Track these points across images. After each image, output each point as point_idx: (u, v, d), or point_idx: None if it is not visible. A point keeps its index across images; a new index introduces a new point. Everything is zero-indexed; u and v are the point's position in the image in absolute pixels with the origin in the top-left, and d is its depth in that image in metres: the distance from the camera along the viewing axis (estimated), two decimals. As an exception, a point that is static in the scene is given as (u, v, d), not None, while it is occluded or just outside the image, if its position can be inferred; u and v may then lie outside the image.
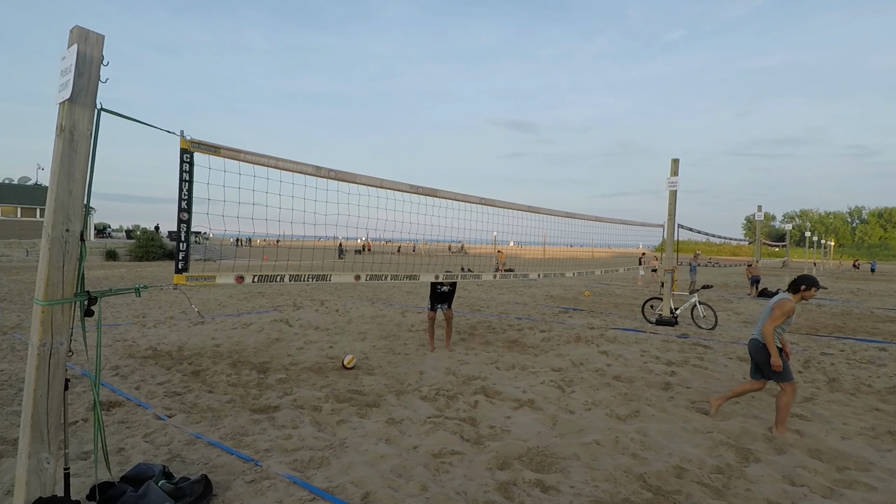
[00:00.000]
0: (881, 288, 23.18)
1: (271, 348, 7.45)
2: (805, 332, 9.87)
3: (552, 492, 3.38)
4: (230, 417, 4.59)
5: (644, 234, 12.04)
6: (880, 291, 21.03)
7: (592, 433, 4.37)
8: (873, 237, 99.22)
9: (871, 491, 3.48)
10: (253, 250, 46.96)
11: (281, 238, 5.71)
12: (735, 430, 4.52)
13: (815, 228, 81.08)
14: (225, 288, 15.52)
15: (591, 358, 7.14)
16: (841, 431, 4.55)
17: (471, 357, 7.10)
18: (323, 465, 3.70)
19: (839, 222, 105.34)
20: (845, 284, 25.58)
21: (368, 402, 5.09)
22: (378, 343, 7.95)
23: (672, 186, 10.53)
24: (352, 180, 4.29)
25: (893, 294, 19.69)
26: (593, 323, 10.35)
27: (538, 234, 8.99)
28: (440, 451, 3.95)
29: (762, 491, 3.43)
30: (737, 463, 3.87)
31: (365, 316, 10.64)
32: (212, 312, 10.81)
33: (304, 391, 5.38)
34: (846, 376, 6.48)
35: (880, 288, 23.19)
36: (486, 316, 11.09)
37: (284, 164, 3.72)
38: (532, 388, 5.68)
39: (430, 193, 5.09)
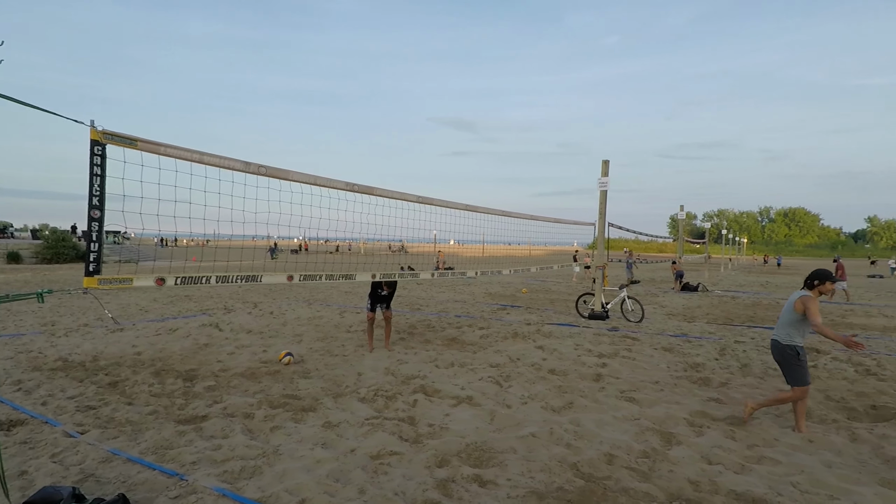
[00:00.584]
0: (786, 280, 25.36)
1: (199, 354, 7.07)
2: (721, 323, 10.61)
3: (490, 486, 3.42)
4: (152, 430, 4.30)
5: (578, 232, 12.51)
6: (785, 283, 23.01)
7: (529, 426, 4.47)
8: (779, 234, 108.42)
9: (777, 465, 3.79)
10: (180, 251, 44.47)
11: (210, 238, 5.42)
12: (660, 415, 4.77)
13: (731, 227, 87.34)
14: (147, 291, 14.59)
15: (527, 353, 7.31)
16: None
17: (410, 356, 7.07)
18: (255, 474, 3.55)
19: (751, 221, 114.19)
20: (756, 278, 27.77)
21: (304, 406, 4.95)
22: (315, 345, 7.75)
23: (603, 186, 10.97)
24: (284, 177, 4.14)
25: (796, 286, 21.58)
26: (530, 319, 10.61)
27: (477, 233, 9.11)
28: (378, 452, 3.91)
29: (683, 471, 3.64)
30: (661, 447, 4.09)
31: (301, 318, 10.34)
32: (132, 318, 10.13)
33: (236, 398, 5.14)
34: (756, 362, 7.01)
35: (785, 280, 25.37)
36: (426, 314, 11.10)
37: (210, 158, 3.53)
38: (471, 384, 5.73)
39: (366, 191, 5.01)
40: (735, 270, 35.77)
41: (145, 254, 31.86)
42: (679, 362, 6.93)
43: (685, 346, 8.04)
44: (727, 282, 23.78)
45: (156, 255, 16.05)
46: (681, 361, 6.97)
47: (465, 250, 41.03)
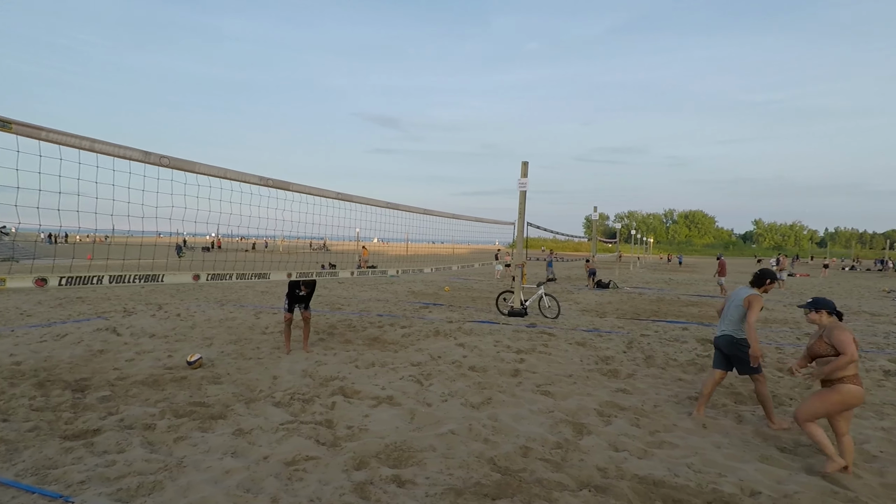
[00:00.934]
0: (686, 278, 27.56)
1: (93, 362, 6.46)
2: (629, 318, 11.30)
3: (409, 485, 3.40)
4: (33, 449, 3.86)
5: (499, 231, 12.80)
6: (685, 281, 24.99)
7: (448, 423, 4.50)
8: (681, 235, 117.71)
9: (675, 448, 4.08)
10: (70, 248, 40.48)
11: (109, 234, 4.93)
12: (573, 407, 4.99)
13: (639, 227, 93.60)
14: (30, 293, 13.12)
15: (448, 351, 7.37)
16: (654, 400, 5.28)
17: (329, 357, 6.89)
18: (155, 490, 3.29)
19: (657, 222, 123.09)
20: (660, 275, 29.92)
21: (213, 413, 4.66)
22: (227, 348, 7.33)
23: (522, 187, 11.30)
24: (190, 169, 3.86)
25: (694, 283, 23.50)
26: (452, 317, 10.72)
27: (401, 231, 9.06)
28: (294, 458, 3.76)
29: (592, 459, 3.82)
30: (573, 437, 4.27)
31: (212, 319, 9.76)
32: (11, 323, 9.06)
33: (135, 408, 4.74)
34: (659, 353, 7.54)
35: (685, 278, 27.56)
36: (347, 314, 10.88)
37: (102, 146, 3.20)
38: (391, 384, 5.68)
39: (282, 186, 4.79)
40: (643, 268, 38.37)
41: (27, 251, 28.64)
42: (591, 356, 7.29)
43: (597, 340, 8.48)
44: (635, 279, 25.42)
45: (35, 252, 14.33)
46: (593, 355, 7.34)
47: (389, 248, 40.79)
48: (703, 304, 14.39)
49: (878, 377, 6.42)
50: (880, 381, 6.25)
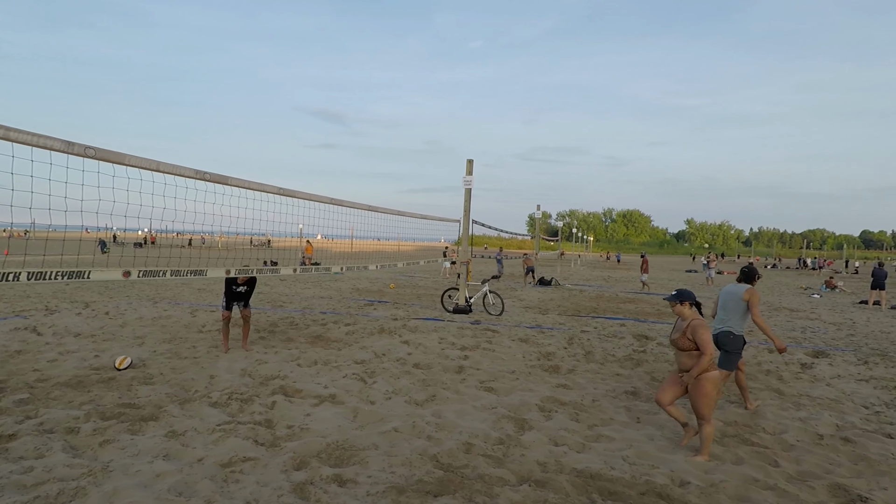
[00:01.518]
0: (624, 275, 28.74)
1: (9, 363, 5.99)
2: (570, 314, 11.68)
3: (350, 484, 3.38)
4: (-62, 457, 3.55)
5: (445, 229, 12.87)
6: (623, 278, 26.06)
7: (392, 421, 4.50)
8: (619, 233, 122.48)
9: (611, 441, 4.27)
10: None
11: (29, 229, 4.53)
12: (515, 403, 5.11)
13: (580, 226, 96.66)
14: (-62, 290, 11.98)
15: (393, 348, 7.36)
16: (592, 395, 5.49)
17: (270, 356, 6.71)
18: (77, 496, 3.10)
19: (597, 221, 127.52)
20: (600, 273, 31.05)
21: (144, 415, 4.44)
22: (160, 347, 6.99)
23: (467, 185, 11.42)
24: (118, 161, 3.65)
25: (632, 280, 24.55)
26: (397, 314, 10.69)
27: (346, 228, 8.92)
28: (230, 459, 3.65)
29: (533, 454, 3.93)
30: (515, 433, 4.38)
31: (144, 318, 9.27)
32: (-86, 322, 8.25)
33: (56, 411, 4.44)
34: (598, 349, 7.84)
35: (623, 275, 28.74)
36: (289, 312, 10.62)
37: (17, 135, 2.98)
38: (334, 382, 5.61)
39: (219, 181, 4.62)
40: (583, 266, 39.68)
41: (-64, 243, 26.09)
42: (533, 352, 7.48)
43: (539, 336, 8.71)
44: (576, 276, 26.28)
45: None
46: (535, 351, 7.53)
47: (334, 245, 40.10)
48: (639, 300, 15.08)
49: (796, 370, 6.94)
50: (798, 373, 6.76)
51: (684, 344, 3.98)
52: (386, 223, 10.09)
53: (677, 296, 4.11)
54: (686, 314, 4.06)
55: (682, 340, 4.00)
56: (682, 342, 3.99)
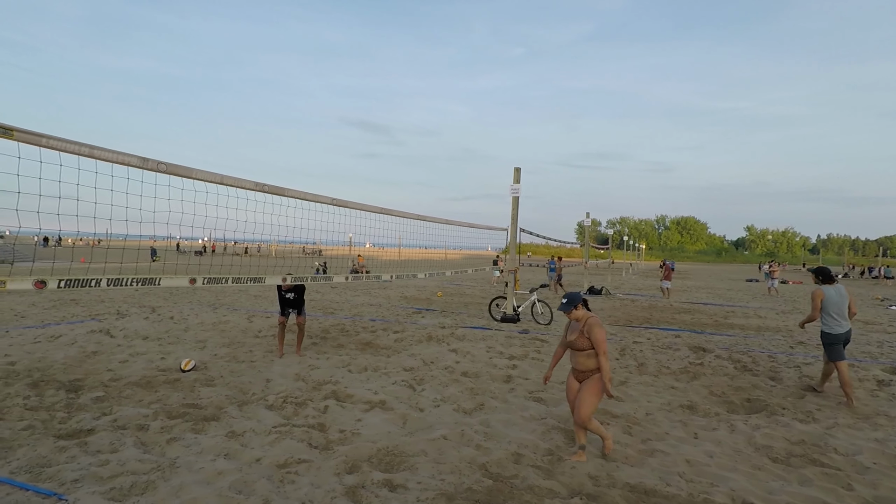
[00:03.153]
0: (678, 284, 27.69)
1: (86, 363, 6.45)
2: (622, 325, 11.38)
3: (400, 490, 3.43)
4: (26, 447, 3.87)
5: (491, 237, 12.86)
6: (677, 287, 25.12)
7: (440, 429, 4.53)
8: (673, 241, 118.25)
9: (667, 456, 4.13)
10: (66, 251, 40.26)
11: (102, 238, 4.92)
12: (565, 414, 5.03)
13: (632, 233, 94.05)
14: (25, 295, 13.05)
15: (441, 356, 7.41)
16: (646, 408, 5.33)
17: (322, 361, 6.91)
18: (148, 490, 3.31)
19: (649, 228, 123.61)
20: (653, 282, 30.04)
21: (206, 415, 4.68)
22: (220, 351, 7.34)
23: (515, 193, 11.38)
24: (186, 175, 3.90)
25: (686, 289, 23.65)
26: (444, 322, 10.75)
27: (393, 236, 9.11)
28: (286, 460, 3.78)
29: (584, 467, 3.86)
30: (565, 444, 4.31)
31: (205, 323, 9.75)
32: (6, 324, 9.02)
33: (128, 409, 4.75)
34: (651, 361, 7.60)
35: (677, 284, 27.69)
36: (340, 318, 10.89)
37: (101, 153, 3.24)
38: (384, 388, 5.71)
39: (277, 192, 4.83)
40: (635, 275, 38.53)
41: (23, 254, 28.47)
42: (583, 362, 7.33)
43: (589, 346, 8.52)
44: (628, 285, 25.55)
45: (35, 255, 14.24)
46: (585, 361, 7.38)
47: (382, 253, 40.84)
48: (695, 311, 14.49)
49: (872, 387, 6.44)
50: (874, 391, 6.28)
51: (583, 344, 4.01)
52: (432, 232, 10.21)
53: (569, 304, 4.07)
54: (581, 316, 4.08)
55: (581, 340, 4.02)
56: (582, 342, 4.02)
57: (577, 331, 4.03)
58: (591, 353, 4.00)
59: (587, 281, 20.74)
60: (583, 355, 4.03)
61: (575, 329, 4.09)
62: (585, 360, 4.03)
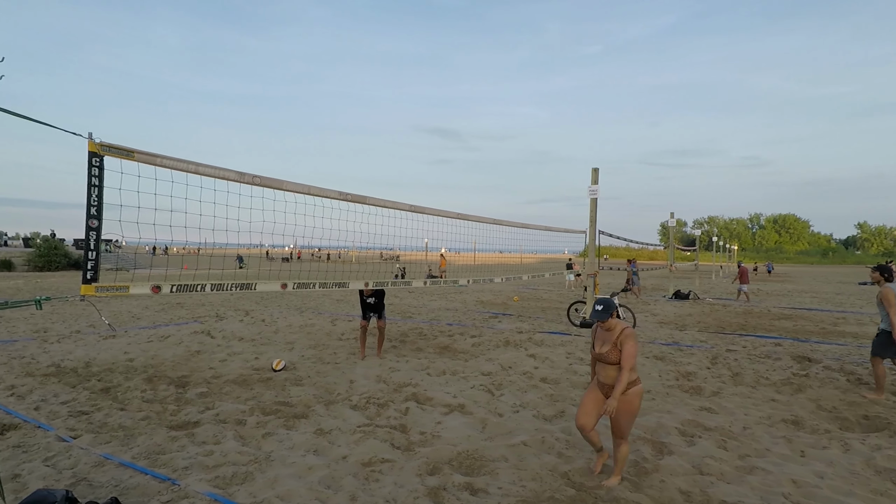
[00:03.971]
0: (776, 288, 25.54)
1: (191, 361, 7.06)
2: (713, 331, 10.68)
3: (481, 494, 3.44)
4: (145, 436, 4.30)
5: (568, 240, 12.57)
6: (776, 291, 23.17)
7: (520, 434, 4.49)
8: (770, 241, 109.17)
9: (768, 475, 3.82)
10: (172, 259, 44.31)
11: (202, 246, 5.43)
12: (651, 425, 4.81)
13: (721, 234, 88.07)
14: (139, 299, 14.51)
15: (519, 361, 7.34)
16: (743, 421, 4.97)
17: (402, 364, 7.08)
18: (247, 480, 3.56)
19: (741, 228, 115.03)
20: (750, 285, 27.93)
21: (296, 413, 4.95)
22: (307, 353, 7.74)
23: (593, 194, 11.06)
24: (278, 186, 4.17)
25: (786, 293, 21.75)
26: (522, 327, 10.65)
27: (468, 241, 9.16)
28: (370, 459, 3.92)
29: (675, 482, 3.66)
30: (652, 456, 4.12)
31: (293, 325, 10.33)
32: (124, 325, 10.07)
33: (228, 405, 5.14)
34: (748, 370, 7.07)
35: (776, 288, 25.55)
36: (418, 322, 11.11)
37: (205, 169, 3.56)
38: (462, 392, 5.75)
39: (359, 200, 5.04)
40: (726, 278, 36.02)
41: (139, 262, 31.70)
42: (670, 371, 6.97)
43: (677, 354, 8.10)
44: (718, 289, 23.94)
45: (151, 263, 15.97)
46: (672, 370, 7.02)
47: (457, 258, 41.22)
48: (798, 317, 13.28)
49: None
50: None
51: (616, 356, 3.64)
52: (507, 235, 10.15)
53: (606, 311, 3.66)
54: (614, 325, 3.71)
55: (613, 353, 3.65)
56: (614, 355, 3.64)
57: (611, 343, 3.67)
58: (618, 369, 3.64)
59: (672, 284, 19.69)
60: (614, 369, 3.65)
61: (607, 340, 3.72)
62: (615, 372, 3.66)
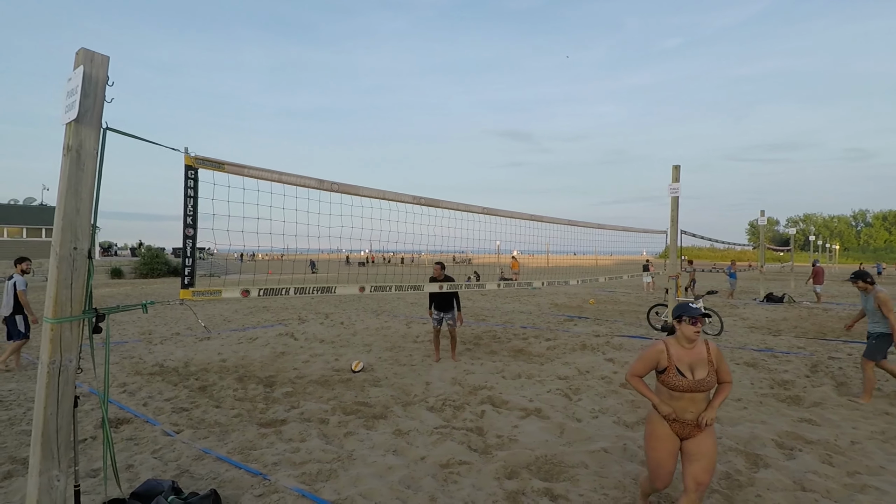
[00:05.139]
0: (888, 291, 23.03)
1: (277, 362, 7.46)
2: (812, 337, 9.82)
3: (561, 500, 3.37)
4: (237, 432, 4.59)
5: (646, 241, 12.03)
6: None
7: (600, 441, 4.35)
8: (878, 240, 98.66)
9: (884, 495, 3.45)
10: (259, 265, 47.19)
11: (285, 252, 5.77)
12: (744, 435, 4.49)
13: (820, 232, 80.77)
14: (230, 303, 15.56)
15: (597, 366, 7.12)
16: (851, 436, 4.52)
17: (476, 367, 7.09)
18: (331, 477, 3.70)
19: (843, 226, 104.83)
20: (851, 288, 25.40)
21: (375, 413, 5.09)
22: (384, 354, 7.95)
23: (674, 193, 10.53)
24: (355, 192, 4.33)
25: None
26: (598, 331, 10.32)
27: (541, 243, 9.00)
28: (448, 461, 3.95)
29: (773, 497, 3.40)
30: (746, 469, 3.84)
31: (370, 328, 10.64)
32: (217, 328, 10.84)
33: (311, 404, 5.38)
34: (854, 380, 6.43)
35: (888, 291, 23.04)
36: (492, 325, 11.08)
37: (288, 177, 3.76)
38: (538, 396, 5.66)
39: (432, 204, 5.12)
40: (827, 280, 32.95)
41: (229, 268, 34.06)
42: (764, 378, 6.48)
43: (770, 361, 7.52)
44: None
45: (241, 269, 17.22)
46: (766, 378, 6.52)
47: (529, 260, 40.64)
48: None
49: None
50: None
51: (714, 381, 2.92)
52: (581, 237, 9.86)
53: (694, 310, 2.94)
54: (699, 342, 2.99)
55: (712, 376, 2.90)
56: (713, 378, 2.90)
57: (706, 363, 2.90)
58: (708, 396, 2.93)
59: (763, 287, 18.32)
60: (705, 399, 2.89)
61: (696, 362, 2.89)
62: (702, 404, 2.88)
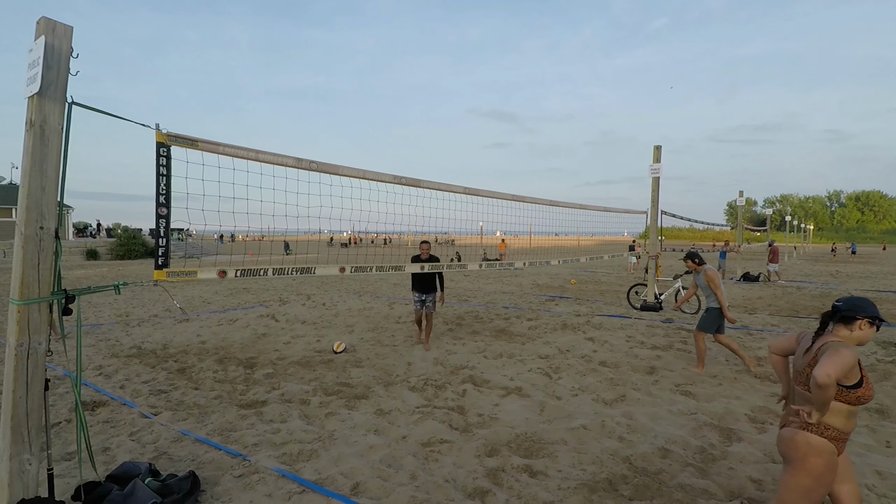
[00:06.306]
0: (859, 270, 23.70)
1: (258, 343, 7.40)
2: (785, 315, 10.07)
3: (540, 476, 3.42)
4: (217, 413, 4.56)
5: (628, 222, 12.15)
6: (858, 273, 21.51)
7: (580, 418, 4.42)
8: (851, 220, 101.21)
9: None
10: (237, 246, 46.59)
11: (265, 233, 5.71)
12: (718, 410, 4.61)
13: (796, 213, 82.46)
14: (210, 284, 15.35)
15: (577, 345, 7.21)
16: (820, 409, 4.66)
17: (458, 347, 7.12)
18: (312, 457, 3.70)
19: (818, 206, 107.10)
20: (824, 267, 26.10)
21: (357, 394, 5.09)
22: (366, 335, 7.93)
23: (655, 173, 10.61)
24: (334, 172, 4.25)
25: (870, 275, 20.14)
26: (579, 310, 10.44)
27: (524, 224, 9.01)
28: (429, 440, 3.98)
29: (745, 469, 3.50)
30: (720, 443, 3.95)
31: (352, 309, 10.61)
32: (196, 309, 10.69)
33: (292, 385, 5.36)
34: (825, 356, 6.62)
35: (858, 270, 23.70)
36: (474, 306, 11.12)
37: (265, 156, 3.67)
38: (519, 375, 5.72)
39: (413, 184, 5.06)
40: (801, 259, 33.78)
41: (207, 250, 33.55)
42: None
43: (746, 338, 7.70)
44: (792, 271, 22.51)
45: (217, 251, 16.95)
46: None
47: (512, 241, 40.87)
48: (882, 300, 12.28)
49: None
50: None
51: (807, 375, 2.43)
52: (564, 218, 9.90)
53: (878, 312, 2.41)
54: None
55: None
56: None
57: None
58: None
59: (740, 266, 18.69)
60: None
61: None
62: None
